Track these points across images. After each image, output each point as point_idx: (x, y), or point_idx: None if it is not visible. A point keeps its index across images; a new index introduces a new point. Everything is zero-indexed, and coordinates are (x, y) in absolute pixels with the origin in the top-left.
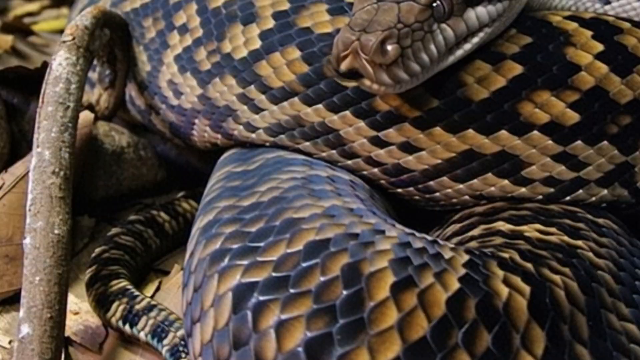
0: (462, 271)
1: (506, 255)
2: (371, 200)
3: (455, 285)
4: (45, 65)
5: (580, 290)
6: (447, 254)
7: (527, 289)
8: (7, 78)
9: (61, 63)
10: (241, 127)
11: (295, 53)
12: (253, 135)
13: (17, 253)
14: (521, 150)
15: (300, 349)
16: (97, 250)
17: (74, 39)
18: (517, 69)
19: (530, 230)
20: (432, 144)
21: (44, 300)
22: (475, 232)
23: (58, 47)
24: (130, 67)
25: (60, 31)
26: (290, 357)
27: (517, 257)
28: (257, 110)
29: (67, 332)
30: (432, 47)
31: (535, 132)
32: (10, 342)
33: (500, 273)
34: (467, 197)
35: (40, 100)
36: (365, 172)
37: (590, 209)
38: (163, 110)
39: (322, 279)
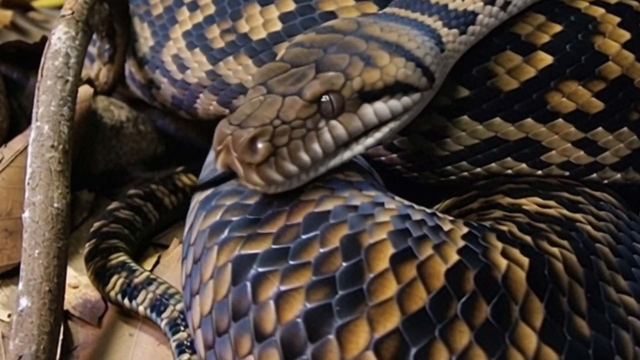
0: (461, 243)
1: (505, 228)
2: (370, 173)
3: (454, 257)
4: (44, 39)
5: (579, 262)
6: (446, 227)
7: (525, 261)
8: (6, 53)
9: (60, 37)
10: None
11: None
12: None
13: (17, 227)
14: (544, 137)
15: (299, 320)
16: (97, 224)
17: (73, 13)
18: (547, 59)
19: (529, 203)
20: (457, 132)
21: (43, 273)
22: (474, 205)
23: (57, 21)
24: (131, 43)
25: (60, 7)
26: (289, 328)
27: (515, 230)
28: None
29: (67, 306)
30: (316, 145)
31: (559, 119)
32: (9, 315)
33: (499, 245)
34: (481, 178)
35: (39, 74)
36: (382, 158)
37: (590, 183)
38: (165, 84)
39: (321, 250)
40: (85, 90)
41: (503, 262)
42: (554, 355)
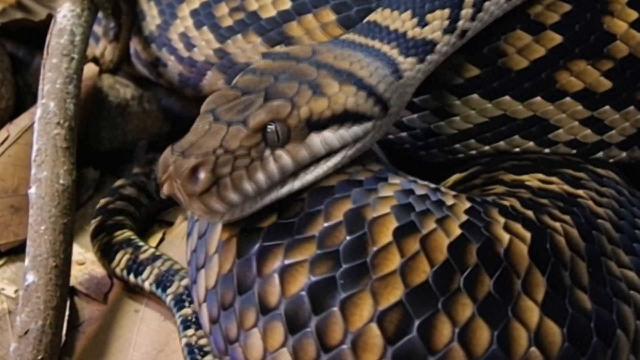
0: (464, 217)
1: (507, 203)
2: (373, 149)
3: (457, 231)
4: (49, 17)
5: (581, 237)
6: (449, 201)
7: (527, 235)
8: (12, 31)
9: (66, 15)
10: None
11: (330, 16)
12: None
13: (23, 204)
14: (551, 115)
15: (303, 293)
16: (102, 201)
17: None
18: (557, 39)
19: (531, 179)
20: (467, 110)
21: (49, 249)
22: (478, 181)
23: None
24: (137, 21)
25: None
26: (294, 301)
27: (517, 205)
28: None
29: (73, 282)
30: (260, 175)
31: (567, 98)
32: (16, 291)
33: (501, 220)
34: (488, 156)
35: (45, 52)
36: (391, 136)
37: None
38: (171, 62)
39: (325, 224)
40: (90, 69)
41: (505, 236)
42: (556, 328)
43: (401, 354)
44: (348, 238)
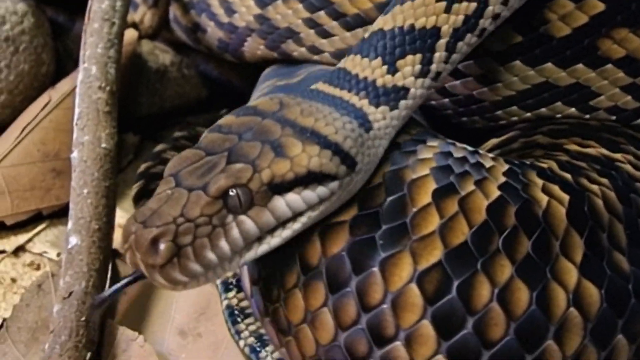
0: (502, 179)
1: (545, 166)
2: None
3: (495, 192)
4: None
5: (618, 200)
6: (488, 163)
7: (565, 197)
8: None
9: None
10: (304, 49)
11: None
12: (316, 57)
13: (64, 167)
14: (593, 82)
15: (344, 253)
16: (144, 165)
17: None
18: (599, 6)
19: (569, 143)
20: (509, 77)
21: (92, 212)
22: (515, 145)
23: None
24: None
25: None
26: (334, 261)
27: (555, 168)
28: (326, 35)
29: (115, 245)
30: (223, 243)
31: (609, 65)
32: (58, 254)
33: (540, 182)
34: (529, 121)
35: (86, 16)
36: (433, 102)
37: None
38: (211, 27)
39: (365, 186)
40: (130, 34)
41: (544, 198)
42: (594, 290)
43: (441, 314)
44: (388, 199)
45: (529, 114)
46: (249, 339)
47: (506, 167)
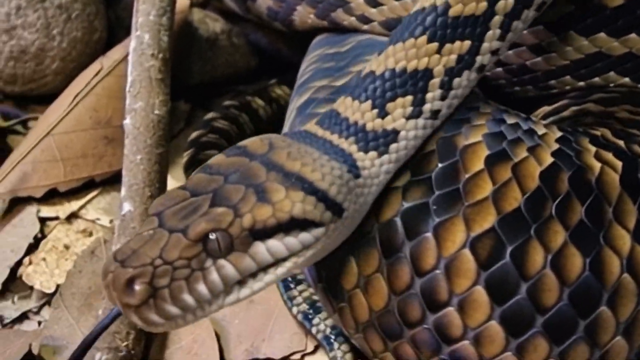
0: (555, 146)
1: (598, 133)
2: None
3: (548, 159)
4: None
5: None
6: (540, 130)
7: (619, 164)
8: None
9: None
10: (353, 18)
11: None
12: (366, 27)
13: (116, 135)
14: None
15: (397, 218)
16: (194, 134)
17: None
18: None
19: (620, 111)
20: (563, 47)
21: (145, 178)
22: (566, 113)
23: None
24: None
25: None
26: (387, 226)
27: (608, 135)
28: (376, 4)
29: None
30: (202, 286)
31: None
32: (111, 221)
33: (593, 149)
34: (581, 90)
35: None
36: (487, 72)
37: None
38: None
39: (418, 153)
40: (181, 2)
41: (597, 165)
42: None
43: (494, 279)
44: (440, 165)
45: (582, 83)
46: (302, 306)
47: (559, 134)
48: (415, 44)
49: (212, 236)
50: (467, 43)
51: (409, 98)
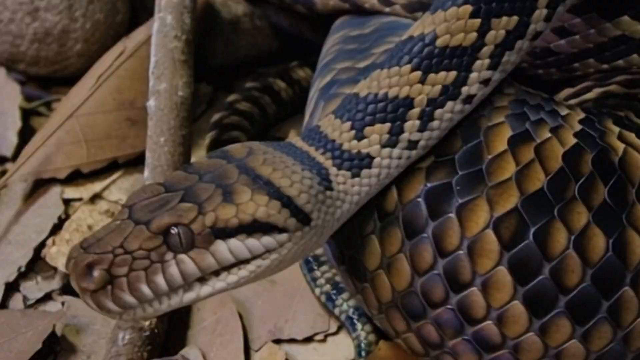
0: (578, 127)
1: (621, 114)
2: None
3: (571, 140)
4: None
5: None
6: (563, 111)
7: None
8: None
9: None
10: (375, 1)
11: None
12: (387, 9)
13: (139, 116)
14: None
15: (420, 199)
16: (217, 115)
17: None
18: None
19: None
20: (586, 29)
21: (169, 160)
22: (589, 95)
23: None
24: None
25: None
26: (411, 207)
27: (632, 116)
28: None
29: None
30: (160, 279)
31: None
32: None
33: (616, 129)
34: (605, 72)
35: None
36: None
37: None
38: None
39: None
40: None
41: (620, 146)
42: None
43: (517, 260)
44: (464, 147)
45: (605, 66)
46: (325, 287)
47: (582, 115)
48: (400, 72)
49: (174, 230)
50: (453, 74)
51: (387, 125)
